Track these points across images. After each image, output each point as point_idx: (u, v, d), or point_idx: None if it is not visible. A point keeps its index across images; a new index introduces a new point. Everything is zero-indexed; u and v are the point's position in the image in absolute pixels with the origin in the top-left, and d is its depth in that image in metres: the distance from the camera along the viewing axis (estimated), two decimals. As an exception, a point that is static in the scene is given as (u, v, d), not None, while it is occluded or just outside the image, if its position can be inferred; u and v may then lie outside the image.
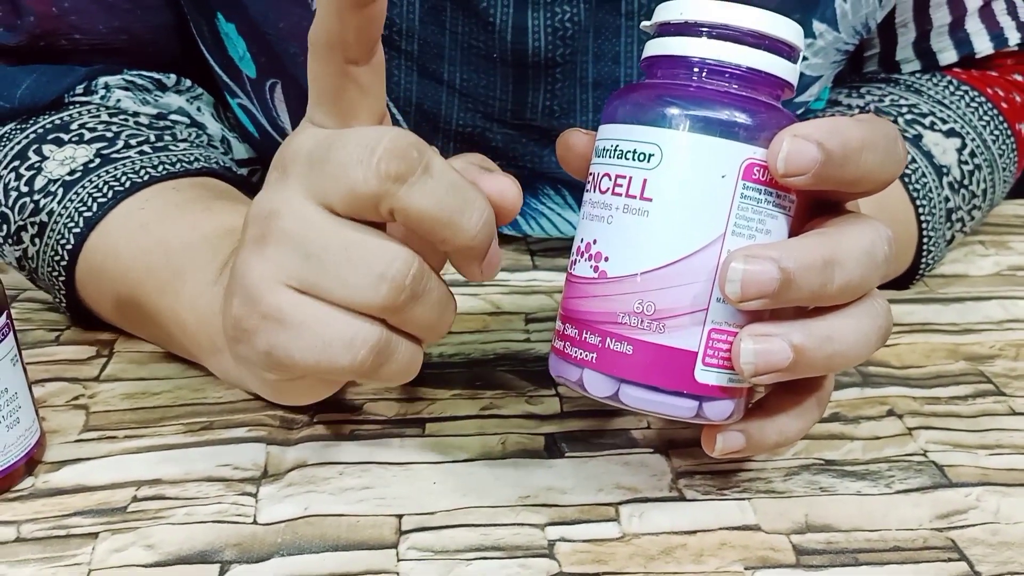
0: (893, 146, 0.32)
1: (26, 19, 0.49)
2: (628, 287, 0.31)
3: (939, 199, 0.51)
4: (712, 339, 0.31)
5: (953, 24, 0.55)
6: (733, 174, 0.31)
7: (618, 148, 0.32)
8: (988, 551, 0.35)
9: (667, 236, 0.31)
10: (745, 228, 0.31)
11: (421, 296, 0.32)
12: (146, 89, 0.52)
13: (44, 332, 0.48)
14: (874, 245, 0.31)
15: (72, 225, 0.44)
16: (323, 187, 0.31)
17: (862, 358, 0.32)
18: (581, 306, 0.32)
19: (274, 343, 0.32)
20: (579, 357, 0.32)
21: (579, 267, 0.33)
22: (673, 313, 0.31)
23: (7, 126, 0.49)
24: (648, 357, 0.31)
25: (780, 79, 0.32)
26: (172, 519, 0.36)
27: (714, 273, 0.31)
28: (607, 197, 0.32)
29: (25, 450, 0.37)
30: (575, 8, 0.47)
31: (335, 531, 0.35)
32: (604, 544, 0.35)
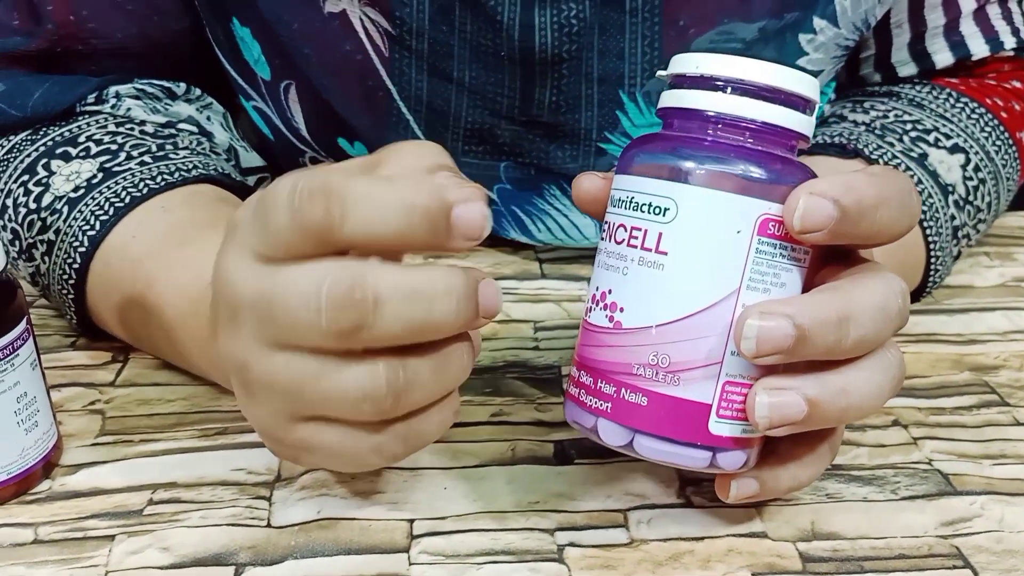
0: (908, 200, 0.32)
1: (45, 26, 0.49)
2: (643, 339, 0.32)
3: (945, 218, 0.51)
4: (726, 391, 0.32)
5: (947, 26, 0.56)
6: (748, 229, 0.31)
7: (634, 200, 0.32)
8: (992, 559, 0.35)
9: (682, 290, 0.31)
10: (760, 282, 0.31)
11: (410, 389, 0.30)
12: (156, 98, 0.53)
13: (60, 338, 0.49)
14: (887, 299, 0.32)
15: (78, 244, 0.45)
16: (282, 339, 0.30)
17: (875, 409, 0.33)
18: (596, 355, 0.33)
19: (315, 462, 0.34)
20: (594, 406, 0.33)
21: (594, 315, 0.33)
22: (688, 366, 0.31)
23: (19, 136, 0.49)
24: (662, 409, 0.31)
25: (795, 132, 0.32)
26: (187, 522, 0.36)
27: (729, 327, 0.31)
28: (623, 248, 0.32)
29: (43, 453, 0.38)
30: (580, 5, 0.48)
31: (348, 534, 0.36)
32: (613, 549, 0.35)
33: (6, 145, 0.49)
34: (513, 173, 0.54)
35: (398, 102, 0.51)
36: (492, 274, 0.55)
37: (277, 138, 0.56)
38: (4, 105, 0.49)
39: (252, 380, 0.31)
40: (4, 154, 0.49)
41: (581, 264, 0.56)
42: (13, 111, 0.49)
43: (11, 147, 0.49)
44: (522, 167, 0.54)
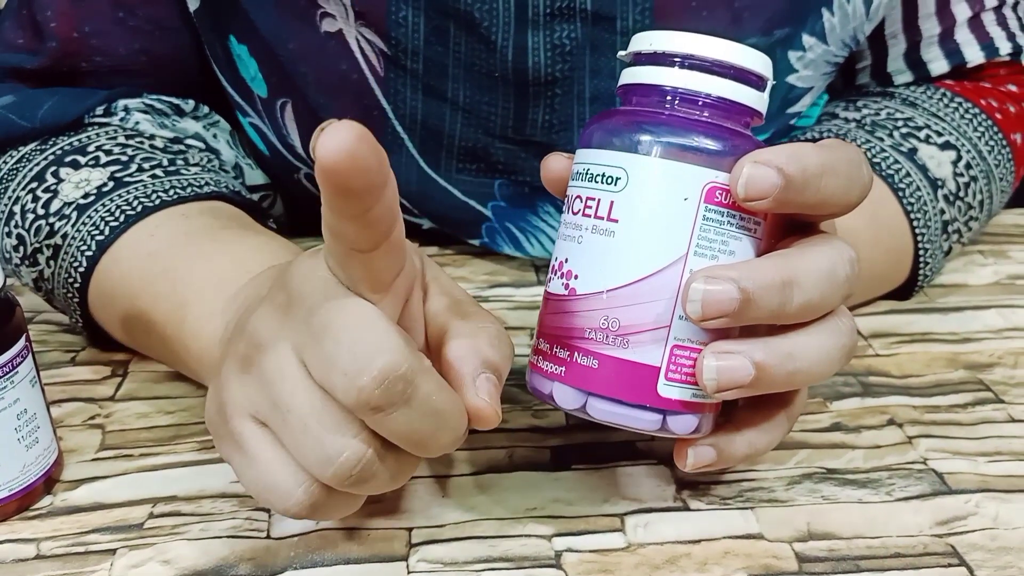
0: (856, 171, 0.32)
1: (49, 43, 0.50)
2: (595, 304, 0.32)
3: (934, 212, 0.51)
4: (675, 355, 0.32)
5: (943, 35, 0.56)
6: (695, 197, 0.32)
7: (589, 171, 0.33)
8: (988, 556, 0.35)
9: (632, 256, 0.32)
10: (707, 249, 0.32)
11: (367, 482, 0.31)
12: (164, 113, 0.53)
13: (60, 353, 0.49)
14: (835, 265, 0.32)
15: (85, 248, 0.45)
16: (309, 358, 0.30)
17: (825, 375, 0.33)
18: (553, 322, 0.34)
19: (230, 459, 0.33)
20: (550, 371, 0.33)
21: (553, 284, 0.34)
22: (636, 329, 0.32)
23: (28, 146, 0.50)
24: (613, 371, 0.32)
25: (748, 107, 0.33)
26: (188, 535, 0.36)
27: (676, 292, 0.32)
28: (578, 218, 0.33)
29: (44, 469, 0.38)
30: (572, 26, 0.48)
31: (346, 544, 0.36)
32: (610, 554, 0.35)
33: (15, 155, 0.50)
34: (507, 190, 0.54)
35: (393, 121, 0.52)
36: (488, 281, 0.56)
37: (272, 154, 0.57)
38: (14, 116, 0.50)
39: (258, 362, 0.31)
40: (14, 163, 0.50)
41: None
42: (23, 122, 0.50)
43: (20, 157, 0.50)
44: (516, 184, 0.54)
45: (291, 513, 0.31)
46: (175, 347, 0.43)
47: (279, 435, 0.31)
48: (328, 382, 0.29)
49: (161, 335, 0.44)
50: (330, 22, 0.49)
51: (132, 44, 0.51)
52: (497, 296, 0.54)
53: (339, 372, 0.29)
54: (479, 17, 0.48)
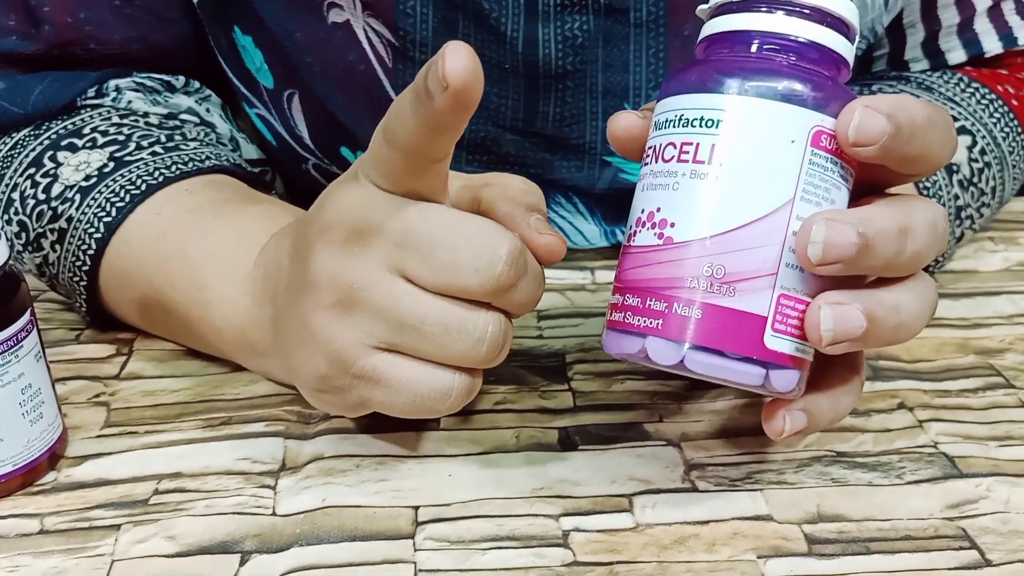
0: (950, 130, 0.32)
1: (43, 28, 0.49)
2: (697, 251, 0.31)
3: (949, 197, 0.51)
4: (781, 305, 0.31)
5: (961, 24, 0.55)
6: (802, 140, 0.31)
7: (683, 117, 0.32)
8: (999, 539, 0.35)
9: (737, 199, 0.31)
10: (813, 195, 0.31)
11: (505, 348, 0.35)
12: (155, 91, 0.53)
13: (65, 331, 0.49)
14: (937, 218, 0.32)
15: (93, 231, 0.45)
16: (419, 272, 0.33)
17: (919, 331, 0.33)
18: (645, 274, 0.32)
19: (369, 398, 0.35)
20: (643, 325, 0.32)
21: (640, 237, 0.32)
22: (743, 276, 0.31)
23: (21, 132, 0.49)
24: (718, 321, 0.31)
25: (840, 55, 0.32)
26: (193, 511, 0.36)
27: (783, 237, 0.31)
28: (672, 165, 0.32)
29: (48, 445, 0.38)
30: (584, 18, 0.48)
31: (353, 522, 0.36)
32: (618, 534, 0.35)
33: (8, 142, 0.49)
34: None
35: None
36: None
37: (280, 145, 0.56)
38: (5, 103, 0.49)
39: (363, 299, 0.34)
40: (8, 151, 0.49)
41: (585, 254, 0.56)
42: (14, 108, 0.49)
43: (14, 143, 0.49)
44: (526, 177, 0.54)
45: (455, 406, 0.35)
46: (200, 328, 0.43)
47: (415, 349, 0.34)
48: (456, 282, 0.33)
49: (184, 317, 0.44)
50: (337, 12, 0.49)
51: (128, 32, 0.51)
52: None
53: (469, 270, 0.33)
54: (488, 8, 0.47)
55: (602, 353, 0.46)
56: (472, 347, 0.34)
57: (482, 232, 0.33)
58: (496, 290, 0.33)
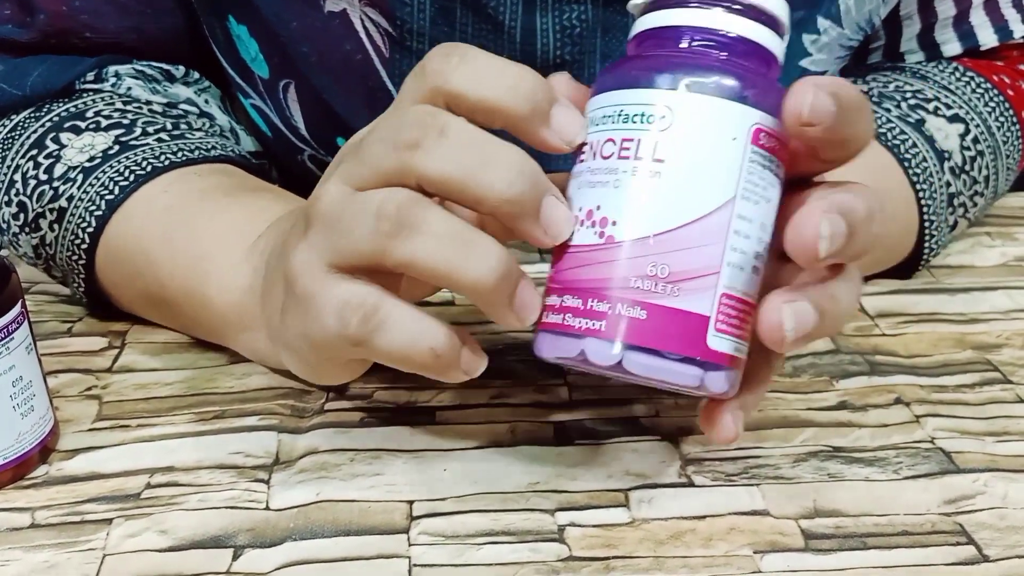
0: (870, 111, 0.32)
1: (37, 17, 0.49)
2: (640, 250, 0.30)
3: (940, 184, 0.51)
4: (723, 304, 0.31)
5: (957, 17, 0.55)
6: (743, 137, 0.31)
7: (623, 112, 0.31)
8: (996, 535, 0.35)
9: (680, 197, 0.30)
10: (752, 193, 0.31)
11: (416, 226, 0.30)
12: (155, 79, 0.52)
13: (57, 324, 0.49)
14: (882, 200, 0.32)
15: (94, 208, 0.45)
16: (355, 169, 0.32)
17: (848, 321, 0.33)
18: (585, 274, 0.31)
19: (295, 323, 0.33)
20: (583, 327, 0.31)
21: (580, 236, 0.32)
22: (688, 276, 0.30)
23: (21, 115, 0.49)
24: (662, 321, 0.30)
25: (770, 52, 0.32)
26: (185, 505, 0.36)
27: (726, 235, 0.31)
28: (612, 162, 0.31)
29: (39, 438, 0.38)
30: (583, 8, 0.48)
31: (347, 516, 0.35)
32: (614, 529, 0.35)
33: (8, 124, 0.49)
34: None
35: None
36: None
37: (275, 136, 0.56)
38: (3, 84, 0.49)
39: (315, 211, 0.32)
40: (8, 132, 0.49)
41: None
42: (12, 90, 0.49)
43: (14, 125, 0.49)
44: None
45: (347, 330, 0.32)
46: (193, 302, 0.43)
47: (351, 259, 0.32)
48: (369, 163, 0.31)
49: (179, 291, 0.43)
50: (334, 2, 0.49)
51: (122, 22, 0.50)
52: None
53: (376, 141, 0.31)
54: None
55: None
56: (372, 223, 0.30)
57: (396, 113, 0.32)
58: (404, 145, 0.30)
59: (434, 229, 0.30)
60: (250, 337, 0.41)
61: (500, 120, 0.31)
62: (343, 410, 0.41)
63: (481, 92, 0.31)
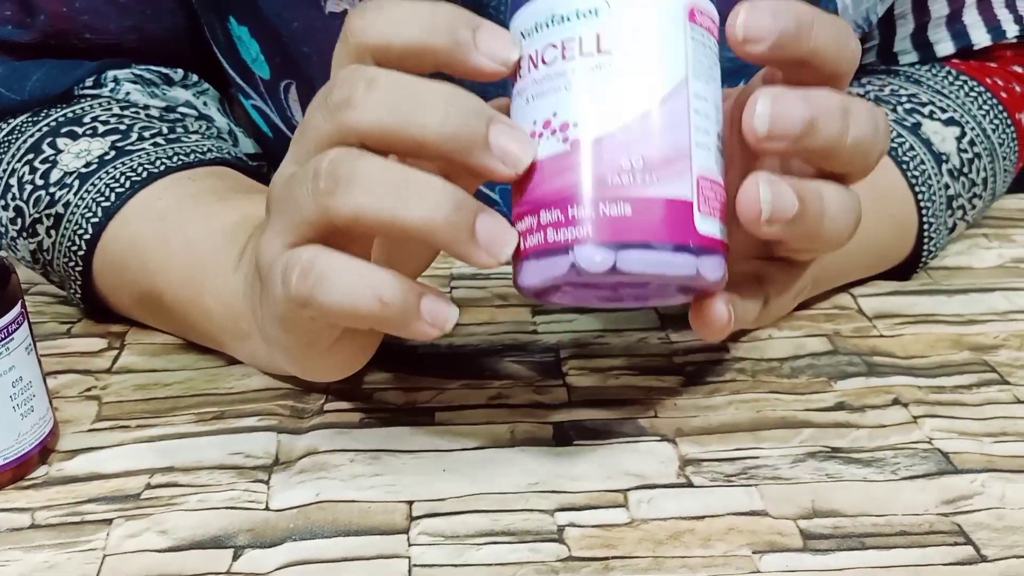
0: (845, 33, 0.32)
1: (38, 18, 0.49)
2: (610, 145, 0.29)
3: (939, 186, 0.51)
4: (701, 187, 0.30)
5: (950, 16, 0.56)
6: (681, 16, 0.30)
7: (555, 15, 0.30)
8: (994, 535, 0.35)
9: (636, 84, 0.30)
10: (702, 72, 0.30)
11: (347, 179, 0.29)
12: (153, 83, 0.52)
13: (56, 325, 0.49)
14: (875, 113, 0.32)
15: (90, 215, 0.45)
16: (295, 146, 0.32)
17: (843, 236, 0.32)
18: (558, 183, 0.30)
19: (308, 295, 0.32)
20: (569, 238, 0.29)
21: (542, 148, 0.30)
22: (663, 161, 0.29)
23: (19, 119, 0.49)
24: (649, 212, 0.29)
25: None
26: (185, 506, 0.36)
27: (688, 116, 0.30)
28: (557, 66, 0.30)
29: (39, 439, 0.38)
30: None
31: (347, 516, 0.35)
32: (613, 529, 0.35)
33: (5, 128, 0.49)
34: None
35: None
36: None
37: (276, 136, 0.56)
38: (2, 89, 0.49)
39: (268, 199, 0.33)
40: (4, 136, 0.49)
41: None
42: (11, 94, 0.49)
43: (11, 129, 0.49)
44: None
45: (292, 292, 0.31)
46: (190, 310, 0.43)
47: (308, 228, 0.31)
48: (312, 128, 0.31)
49: (175, 298, 0.43)
50: (335, 2, 0.49)
51: (123, 22, 0.50)
52: (498, 272, 0.54)
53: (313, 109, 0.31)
54: None
55: (598, 348, 0.46)
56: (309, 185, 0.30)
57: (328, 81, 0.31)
58: (333, 106, 0.30)
59: (369, 178, 0.29)
60: (248, 344, 0.41)
61: (429, 60, 0.30)
62: (343, 411, 0.41)
63: (402, 37, 0.30)
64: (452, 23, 0.30)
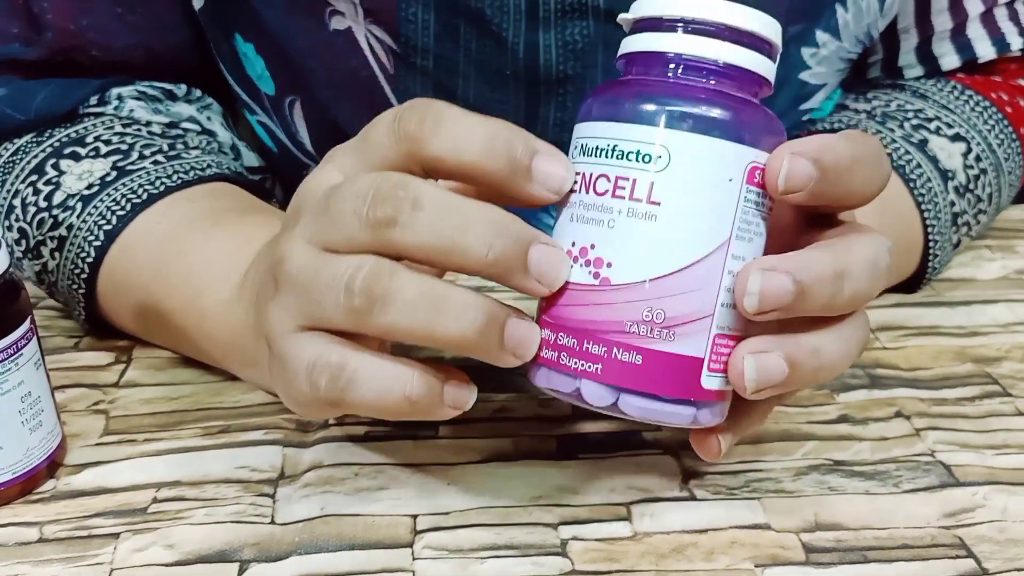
0: (879, 163, 0.32)
1: (45, 35, 0.50)
2: (636, 294, 0.30)
3: (944, 204, 0.51)
4: (716, 344, 0.31)
5: (955, 30, 0.56)
6: (739, 177, 0.31)
7: (616, 148, 0.31)
8: (996, 548, 0.35)
9: (678, 240, 0.30)
10: (746, 232, 0.31)
11: (387, 298, 0.30)
12: (157, 99, 0.53)
13: (64, 339, 0.49)
14: (877, 256, 0.32)
15: (92, 239, 0.45)
16: (324, 234, 0.31)
17: (843, 370, 0.33)
18: (580, 314, 0.31)
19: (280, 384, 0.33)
20: (579, 368, 0.31)
21: (573, 273, 0.31)
22: (683, 320, 0.31)
23: (23, 138, 0.50)
24: (658, 366, 0.31)
25: (762, 77, 0.32)
26: (192, 519, 0.36)
27: (720, 277, 0.31)
28: (606, 200, 0.31)
29: (47, 453, 0.38)
30: (585, 23, 0.48)
31: (351, 530, 0.36)
32: (616, 543, 0.35)
33: (10, 148, 0.50)
34: None
35: None
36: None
37: (281, 151, 0.56)
38: (8, 109, 0.49)
39: (282, 273, 0.32)
40: (9, 156, 0.49)
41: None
42: (17, 114, 0.49)
43: (16, 149, 0.49)
44: None
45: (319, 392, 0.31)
46: (196, 336, 0.43)
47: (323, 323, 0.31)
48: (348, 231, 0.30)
49: (180, 325, 0.44)
50: (339, 19, 0.49)
51: (129, 39, 0.51)
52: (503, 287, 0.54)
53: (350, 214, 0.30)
54: (490, 14, 0.47)
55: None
56: (342, 298, 0.30)
57: (364, 180, 0.30)
58: (374, 223, 0.30)
59: (405, 296, 0.30)
60: (255, 371, 0.42)
61: (482, 181, 0.31)
62: (347, 424, 0.42)
63: (459, 157, 0.30)
64: (510, 147, 0.31)
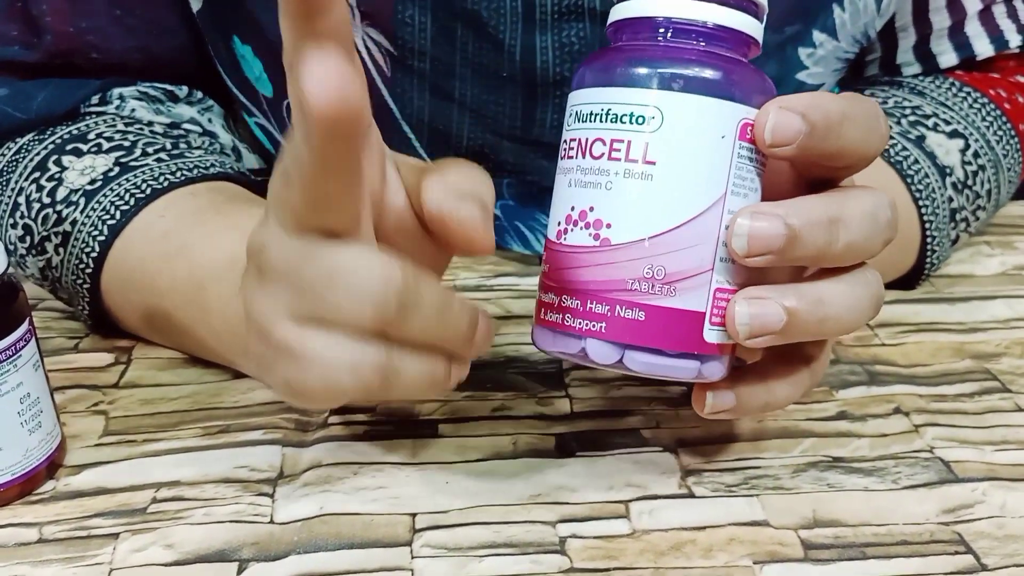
0: (874, 122, 0.32)
1: (44, 38, 0.50)
2: (636, 253, 0.31)
3: (942, 199, 0.51)
4: (716, 298, 0.32)
5: (953, 28, 0.56)
6: (731, 134, 0.31)
7: (610, 112, 0.32)
8: (994, 544, 0.35)
9: (674, 199, 0.31)
10: (741, 187, 0.32)
11: (413, 306, 0.30)
12: (159, 100, 0.53)
13: (63, 340, 0.49)
14: (877, 208, 0.32)
15: (96, 233, 0.45)
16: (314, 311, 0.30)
17: (856, 324, 0.33)
18: (582, 275, 0.32)
19: (288, 376, 0.32)
20: (584, 328, 0.32)
21: (574, 236, 0.32)
22: (683, 276, 0.31)
23: (25, 137, 0.50)
24: (661, 322, 0.31)
25: (751, 37, 0.32)
26: (191, 519, 0.36)
27: (718, 233, 0.31)
28: (602, 162, 0.32)
29: (47, 454, 0.38)
30: (581, 25, 0.48)
31: (350, 529, 0.36)
32: (615, 540, 0.35)
33: (13, 147, 0.50)
34: (515, 190, 0.54)
35: (400, 121, 0.52)
36: (493, 271, 0.56)
37: (279, 153, 0.56)
38: (9, 108, 0.49)
39: (270, 263, 0.31)
40: (12, 155, 0.49)
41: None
42: (17, 113, 0.49)
43: (18, 148, 0.49)
44: (524, 184, 0.54)
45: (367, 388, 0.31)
46: (199, 330, 0.43)
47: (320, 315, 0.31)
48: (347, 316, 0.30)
49: (184, 319, 0.44)
50: None
51: (128, 42, 0.51)
52: (502, 285, 0.54)
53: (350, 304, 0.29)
54: (486, 17, 0.47)
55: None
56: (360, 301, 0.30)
57: (361, 273, 0.29)
58: (382, 323, 0.30)
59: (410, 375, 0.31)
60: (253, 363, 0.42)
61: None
62: (346, 423, 0.42)
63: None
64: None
